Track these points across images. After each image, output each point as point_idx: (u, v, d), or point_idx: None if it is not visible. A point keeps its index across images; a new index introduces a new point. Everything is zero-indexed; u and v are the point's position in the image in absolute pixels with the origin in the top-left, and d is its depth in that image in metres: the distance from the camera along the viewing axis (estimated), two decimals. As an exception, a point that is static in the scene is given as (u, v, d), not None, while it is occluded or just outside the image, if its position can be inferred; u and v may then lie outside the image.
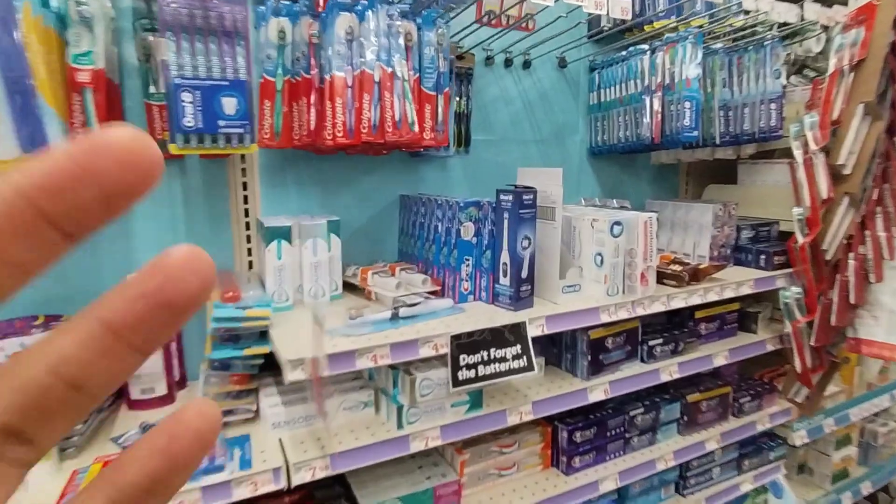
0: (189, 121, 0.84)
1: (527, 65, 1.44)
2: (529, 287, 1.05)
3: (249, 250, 1.19)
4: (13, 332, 1.01)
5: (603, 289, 1.10)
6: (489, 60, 1.39)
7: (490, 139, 1.43)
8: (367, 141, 0.98)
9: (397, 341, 0.90)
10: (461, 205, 1.06)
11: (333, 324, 0.95)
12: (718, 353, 1.33)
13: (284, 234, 1.04)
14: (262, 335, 0.98)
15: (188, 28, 0.84)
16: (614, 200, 1.45)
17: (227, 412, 0.97)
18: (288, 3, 0.96)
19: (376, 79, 0.94)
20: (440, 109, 1.07)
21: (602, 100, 1.51)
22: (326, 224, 1.09)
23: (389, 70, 0.95)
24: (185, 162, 1.10)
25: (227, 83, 0.86)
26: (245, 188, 1.16)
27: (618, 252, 1.09)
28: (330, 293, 1.11)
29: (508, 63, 1.41)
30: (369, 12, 0.93)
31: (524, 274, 1.03)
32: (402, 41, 0.99)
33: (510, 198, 1.01)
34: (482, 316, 1.01)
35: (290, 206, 1.21)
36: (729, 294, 1.27)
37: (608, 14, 1.12)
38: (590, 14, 1.44)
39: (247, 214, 1.17)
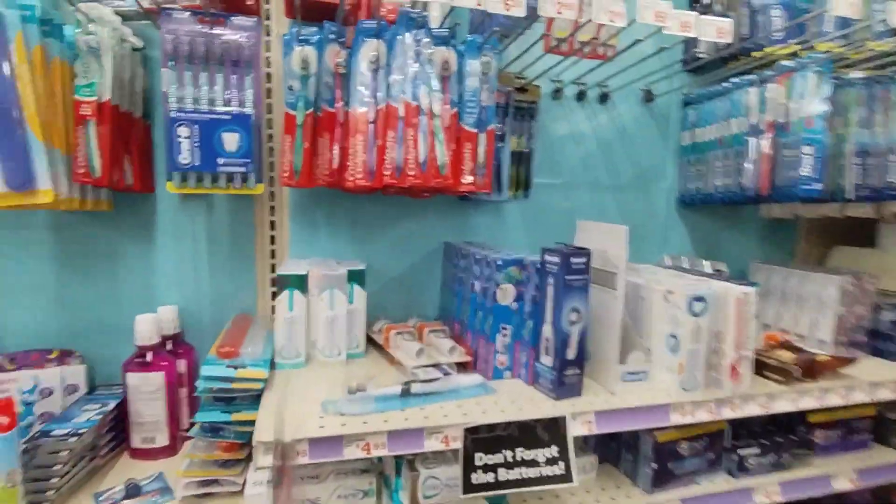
0: (185, 157, 0.76)
1: (604, 98, 1.24)
2: (577, 371, 0.83)
3: (273, 295, 1.09)
4: (28, 365, 0.98)
5: (676, 380, 0.86)
6: (557, 93, 1.21)
7: (555, 183, 1.24)
8: (390, 184, 0.84)
9: (398, 428, 0.73)
10: (500, 263, 0.88)
11: (333, 394, 0.81)
12: (841, 474, 1.01)
13: (298, 283, 0.93)
14: (259, 398, 0.86)
15: (191, 57, 0.76)
16: (707, 262, 1.18)
17: (211, 482, 0.86)
18: (314, 30, 0.86)
19: (400, 113, 0.81)
20: (482, 150, 0.91)
21: (697, 140, 1.27)
22: (347, 274, 0.96)
23: (415, 104, 0.81)
24: (212, 197, 1.04)
25: (228, 117, 0.77)
26: (273, 227, 1.07)
27: (699, 335, 0.85)
28: (346, 351, 0.98)
29: (581, 96, 1.23)
30: (398, 38, 0.80)
31: (571, 354, 0.82)
32: (436, 70, 0.85)
33: (556, 259, 0.82)
34: (514, 402, 0.81)
35: (321, 249, 1.10)
36: (859, 398, 0.96)
37: (700, 38, 0.90)
38: (684, 38, 1.22)
39: (273, 255, 1.08)
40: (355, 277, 0.98)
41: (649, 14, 0.87)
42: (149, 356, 0.94)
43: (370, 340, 1.05)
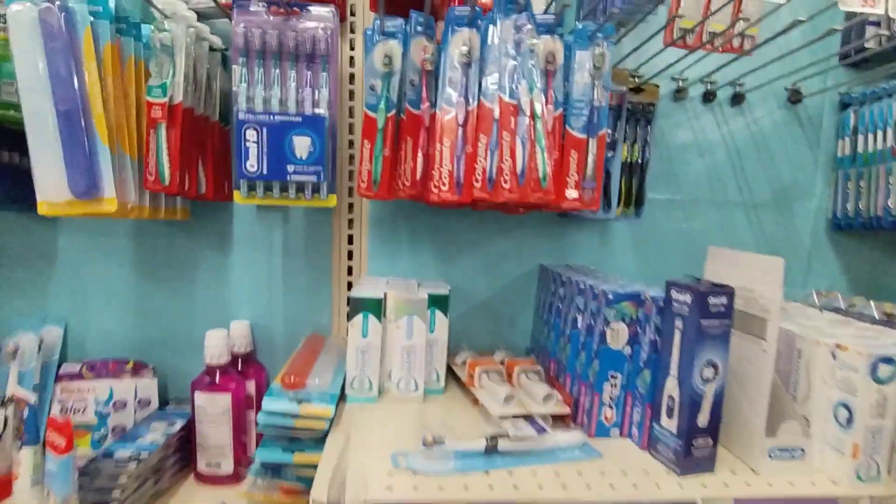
0: (252, 165, 0.68)
1: (737, 99, 1.04)
2: (710, 441, 0.65)
3: (349, 315, 1.00)
4: (106, 374, 0.96)
5: (849, 466, 0.65)
6: (680, 93, 1.02)
7: (674, 199, 1.05)
8: (480, 199, 0.71)
9: (481, 502, 0.59)
10: (610, 296, 0.72)
11: (405, 441, 0.69)
12: None
13: (373, 307, 0.82)
14: (325, 437, 0.76)
15: (263, 52, 0.68)
16: (873, 304, 0.94)
17: (269, 529, 0.77)
18: (399, 22, 0.76)
19: (495, 115, 0.68)
20: (591, 159, 0.76)
21: (859, 150, 1.02)
22: (428, 298, 0.85)
23: (513, 103, 0.67)
24: (290, 207, 0.97)
25: (299, 119, 0.68)
26: (350, 242, 0.98)
27: (884, 409, 0.64)
28: (423, 386, 0.86)
29: (709, 97, 1.03)
30: (492, 26, 0.68)
31: (702, 420, 0.65)
32: (539, 64, 0.71)
33: (688, 298, 0.65)
34: (626, 473, 0.65)
35: (402, 267, 1.00)
36: None
37: (887, 14, 0.69)
38: (846, 21, 0.99)
39: (350, 272, 0.99)
40: (438, 303, 0.86)
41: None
42: (217, 375, 0.88)
43: (450, 372, 0.93)
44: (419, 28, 0.77)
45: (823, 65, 1.00)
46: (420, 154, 0.79)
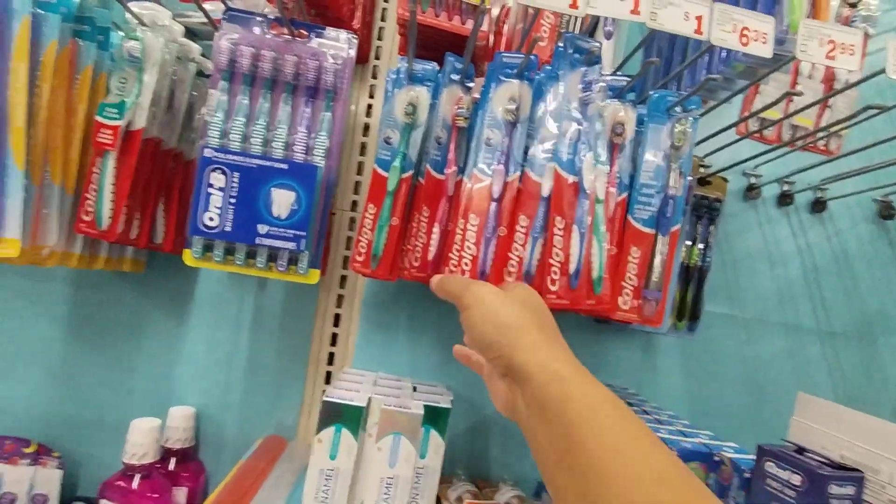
0: (211, 218, 0.50)
1: (818, 206, 0.87)
2: None
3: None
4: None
5: None
6: (752, 191, 0.86)
7: (735, 316, 0.86)
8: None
9: None
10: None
11: None
12: None
13: (350, 418, 0.62)
14: None
15: (253, 78, 0.53)
16: None
17: None
18: (431, 67, 0.61)
19: (545, 192, 0.51)
20: (659, 260, 0.58)
21: (965, 282, 0.84)
22: (423, 413, 0.65)
23: (573, 179, 0.50)
24: (269, 273, 0.79)
25: (285, 167, 0.51)
26: (336, 323, 0.79)
27: None
28: (404, 533, 0.64)
29: (785, 199, 0.87)
30: (556, 77, 0.52)
31: None
32: (605, 133, 0.55)
33: (797, 479, 0.45)
34: None
35: (395, 362, 0.80)
36: None
37: None
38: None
39: (331, 361, 0.80)
40: (435, 420, 0.66)
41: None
42: (136, 479, 0.67)
43: (440, 508, 0.71)
44: (454, 76, 0.62)
45: (920, 178, 0.85)
46: (437, 229, 0.61)
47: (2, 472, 0.73)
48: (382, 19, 0.80)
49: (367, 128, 0.79)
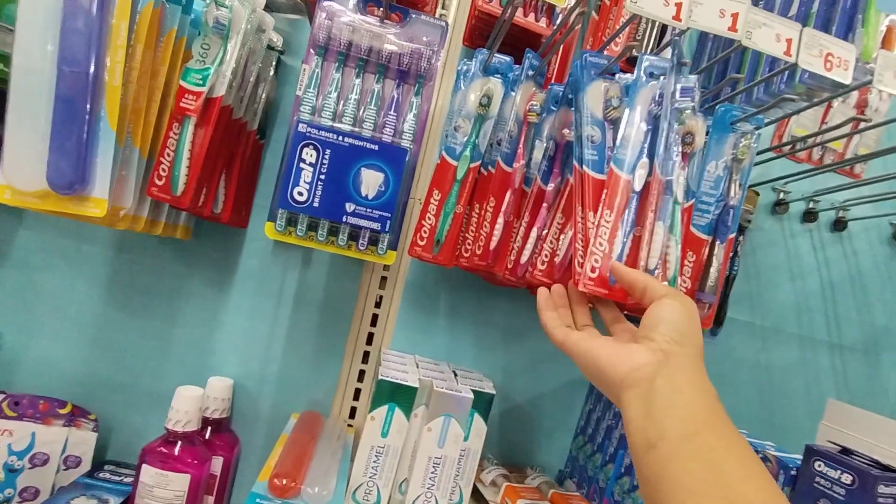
0: (301, 193, 0.51)
1: (839, 225, 0.92)
2: None
3: (357, 392, 0.81)
4: (33, 415, 0.73)
5: None
6: (780, 207, 0.90)
7: (755, 324, 0.90)
8: (596, 293, 0.54)
9: None
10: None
11: None
12: None
13: (403, 398, 0.64)
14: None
15: (347, 56, 0.53)
16: None
17: None
18: (510, 61, 0.63)
19: (636, 186, 0.52)
20: (715, 266, 0.61)
21: (967, 307, 0.90)
22: (473, 398, 0.66)
23: (664, 179, 0.52)
24: (313, 250, 0.79)
25: (375, 147, 0.52)
26: (378, 304, 0.81)
27: None
28: (444, 510, 0.66)
29: (810, 216, 0.91)
30: (650, 79, 0.53)
31: None
32: (676, 143, 0.57)
33: (847, 478, 0.48)
34: None
35: (432, 346, 0.82)
36: None
37: None
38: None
39: (369, 341, 0.81)
40: (480, 405, 0.68)
41: None
42: (178, 446, 0.67)
43: (472, 489, 0.73)
44: (531, 72, 0.63)
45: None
46: (501, 220, 0.63)
47: (34, 432, 0.73)
48: (443, 6, 0.80)
49: (420, 114, 0.80)
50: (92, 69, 0.47)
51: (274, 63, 0.72)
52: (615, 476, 0.70)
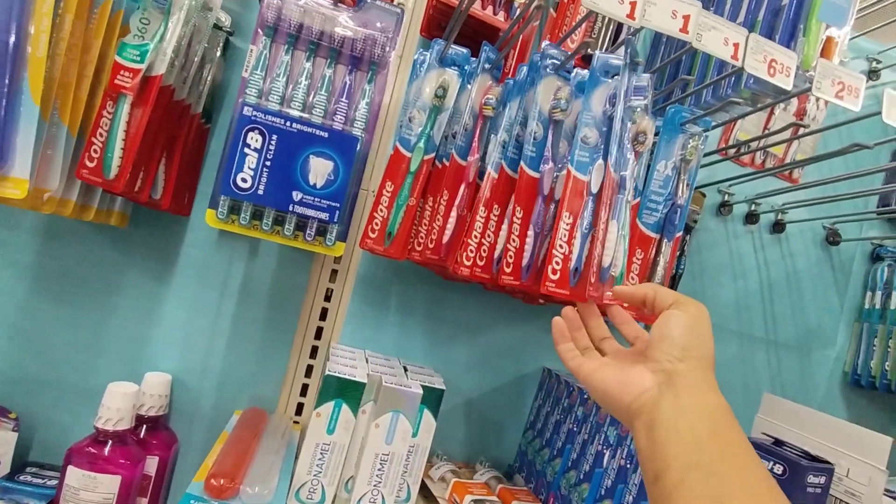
0: (245, 179, 0.49)
1: (778, 227, 0.96)
2: None
3: (305, 388, 0.78)
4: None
5: None
6: (724, 208, 0.93)
7: (699, 321, 0.93)
8: (553, 293, 0.54)
9: None
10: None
11: None
12: None
13: (351, 394, 0.62)
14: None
15: (297, 38, 0.51)
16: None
17: None
18: (467, 53, 0.62)
19: (593, 188, 0.52)
20: (662, 264, 0.62)
21: (889, 307, 0.96)
22: (422, 394, 0.66)
23: (618, 176, 0.53)
24: (260, 240, 0.76)
25: (325, 135, 0.50)
26: (328, 298, 0.78)
27: None
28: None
29: (752, 218, 0.95)
30: (603, 79, 0.54)
31: None
32: (629, 140, 0.58)
33: (778, 469, 0.50)
34: None
35: (383, 341, 0.80)
36: None
37: None
38: (884, 182, 0.96)
39: (318, 335, 0.79)
40: (430, 401, 0.67)
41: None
42: (108, 446, 0.63)
43: (421, 485, 0.72)
44: (487, 65, 0.63)
45: (861, 216, 0.96)
46: (454, 213, 0.62)
47: (-52, 430, 0.67)
48: (401, -4, 0.79)
49: (375, 104, 0.78)
50: (13, 38, 0.43)
51: (222, 44, 0.69)
52: (562, 470, 0.70)
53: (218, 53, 0.68)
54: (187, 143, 0.66)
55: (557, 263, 0.50)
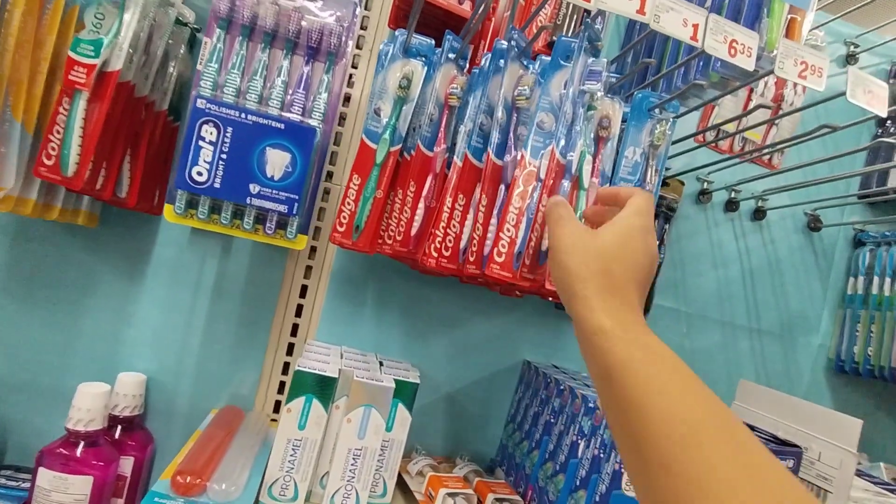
0: (200, 173, 0.48)
1: (759, 214, 0.95)
2: None
3: (282, 385, 0.78)
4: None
5: None
6: (703, 196, 0.93)
7: (680, 310, 0.93)
8: (500, 278, 0.54)
9: None
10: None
11: None
12: None
13: (321, 389, 0.62)
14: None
15: (252, 30, 0.51)
16: (884, 466, 0.83)
17: None
18: (428, 42, 0.61)
19: (541, 173, 0.52)
20: (632, 251, 0.61)
21: (872, 292, 0.95)
22: (394, 387, 0.65)
23: (564, 161, 0.52)
24: (234, 237, 0.76)
25: (281, 126, 0.50)
26: (303, 294, 0.78)
27: None
28: (367, 500, 0.65)
29: (732, 206, 0.94)
30: (562, 65, 0.53)
31: None
32: (592, 127, 0.57)
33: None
34: None
35: (360, 337, 0.80)
36: None
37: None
38: (866, 164, 0.96)
39: (294, 332, 0.78)
40: (403, 394, 0.67)
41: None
42: (80, 447, 0.63)
43: (399, 480, 0.72)
44: (451, 55, 0.62)
45: (842, 200, 0.95)
46: (422, 205, 0.62)
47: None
48: (370, -12, 0.78)
49: (347, 98, 0.78)
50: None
51: (187, 40, 0.69)
52: (539, 462, 0.70)
53: (182, 50, 0.67)
54: (153, 141, 0.65)
55: (503, 247, 0.50)
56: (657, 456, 0.31)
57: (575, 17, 0.69)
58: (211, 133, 0.48)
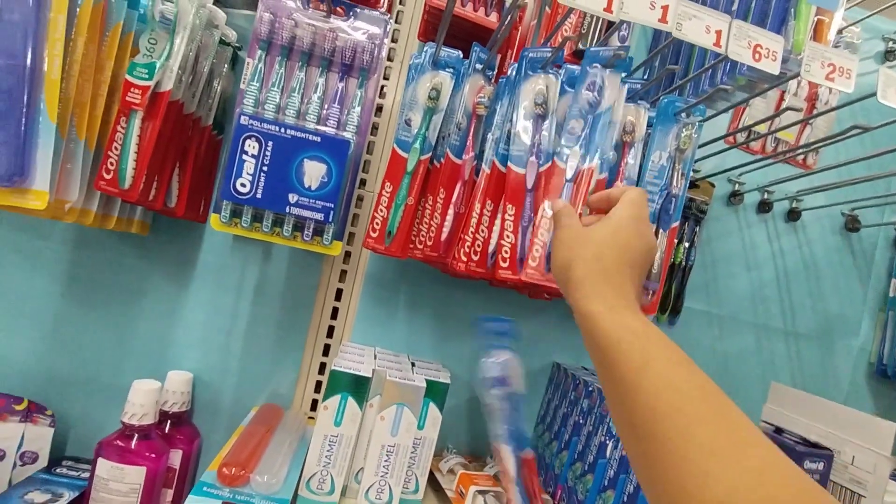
0: (244, 184, 0.52)
1: (793, 215, 0.94)
2: None
3: (319, 384, 0.81)
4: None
5: None
6: (735, 197, 0.92)
7: (712, 312, 0.92)
8: (531, 282, 0.56)
9: None
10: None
11: None
12: None
13: (356, 388, 0.65)
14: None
15: (290, 50, 0.54)
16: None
17: None
18: (457, 55, 0.64)
19: (568, 174, 0.54)
20: (658, 255, 0.62)
21: (916, 294, 0.93)
22: (425, 386, 0.68)
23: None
24: (273, 244, 0.80)
25: (318, 140, 0.53)
26: (338, 297, 0.81)
27: None
28: (399, 496, 0.67)
29: (765, 207, 0.93)
30: (589, 74, 0.55)
31: None
32: (614, 133, 0.59)
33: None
34: None
35: (393, 338, 0.83)
36: None
37: None
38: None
39: (330, 334, 0.82)
40: (435, 394, 0.69)
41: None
42: (134, 440, 0.68)
43: (431, 478, 0.74)
44: (478, 65, 0.64)
45: (883, 199, 0.92)
46: (451, 211, 0.64)
47: (-11, 427, 0.72)
48: (401, 2, 0.81)
49: (379, 109, 0.81)
50: (29, 62, 0.47)
51: (230, 58, 0.73)
52: (569, 462, 0.71)
53: (226, 68, 0.71)
54: (199, 154, 0.69)
55: (537, 251, 0.52)
56: (644, 427, 0.34)
57: (600, 26, 0.70)
58: (253, 147, 0.51)
